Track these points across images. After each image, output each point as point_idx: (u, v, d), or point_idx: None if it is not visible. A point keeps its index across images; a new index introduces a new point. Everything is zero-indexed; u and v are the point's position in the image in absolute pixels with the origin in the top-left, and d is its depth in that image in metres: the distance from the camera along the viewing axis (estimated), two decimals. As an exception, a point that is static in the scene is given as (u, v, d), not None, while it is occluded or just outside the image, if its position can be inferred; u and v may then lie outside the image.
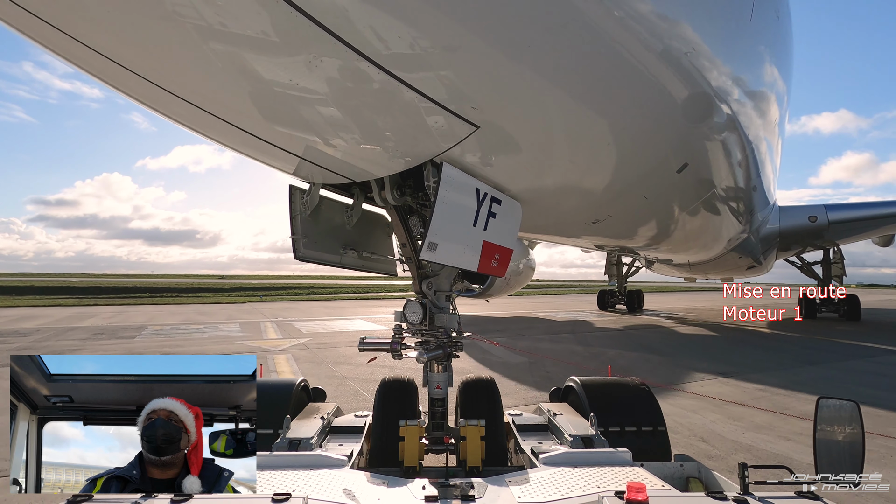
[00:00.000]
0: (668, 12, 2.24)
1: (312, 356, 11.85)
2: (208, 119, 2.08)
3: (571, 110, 2.37)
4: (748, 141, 4.91)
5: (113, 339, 15.36)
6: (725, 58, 3.00)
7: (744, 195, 7.18)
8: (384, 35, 1.64)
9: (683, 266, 18.28)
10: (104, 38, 1.64)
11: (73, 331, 17.33)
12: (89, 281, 71.20)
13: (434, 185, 2.34)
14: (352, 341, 13.21)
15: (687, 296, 53.48)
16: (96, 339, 15.10)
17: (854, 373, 10.54)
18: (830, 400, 2.10)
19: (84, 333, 16.54)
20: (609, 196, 3.61)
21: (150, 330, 17.74)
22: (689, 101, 2.87)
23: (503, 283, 17.34)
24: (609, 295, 28.50)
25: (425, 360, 2.81)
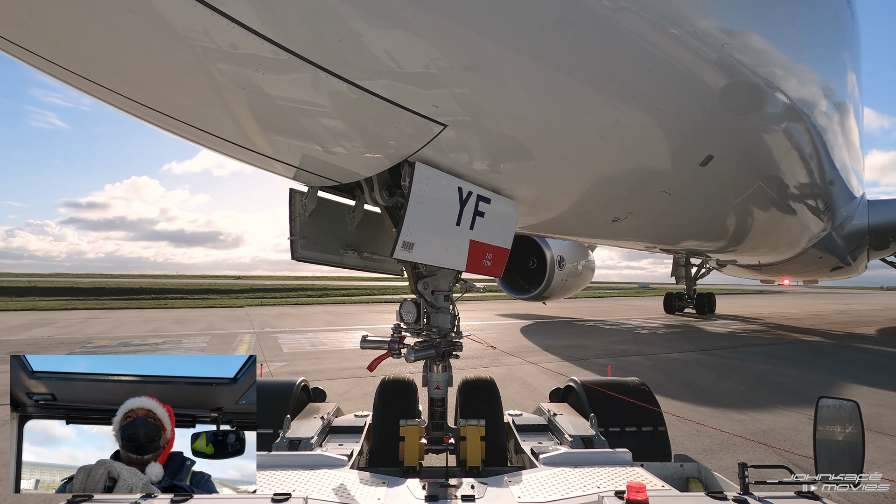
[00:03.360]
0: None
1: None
2: (207, 137, 2.27)
3: (546, 103, 2.31)
4: (804, 131, 4.54)
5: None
6: (751, 33, 2.84)
7: (813, 189, 6.60)
8: (337, 46, 1.73)
9: (754, 267, 17.04)
10: (103, 74, 1.83)
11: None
12: (93, 282, 66.92)
13: (408, 184, 2.37)
14: (340, 368, 10.80)
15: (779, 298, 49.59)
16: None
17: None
18: (830, 400, 2.06)
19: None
20: (620, 192, 3.47)
21: (92, 345, 14.08)
22: (699, 82, 2.72)
23: (560, 284, 17.01)
24: (676, 298, 27.07)
25: (413, 359, 2.83)
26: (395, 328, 3.06)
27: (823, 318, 25.14)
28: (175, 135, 2.39)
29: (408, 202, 2.34)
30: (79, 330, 18.15)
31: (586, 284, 20.48)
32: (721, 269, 23.26)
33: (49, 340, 15.26)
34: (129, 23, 1.54)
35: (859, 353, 13.67)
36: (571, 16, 1.98)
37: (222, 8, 1.51)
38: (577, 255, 17.62)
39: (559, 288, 17.13)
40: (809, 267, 16.37)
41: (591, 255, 19.15)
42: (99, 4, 1.48)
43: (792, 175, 5.39)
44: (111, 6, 1.48)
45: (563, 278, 16.92)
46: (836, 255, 15.50)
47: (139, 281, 78.63)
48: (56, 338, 15.88)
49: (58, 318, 23.13)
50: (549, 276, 16.12)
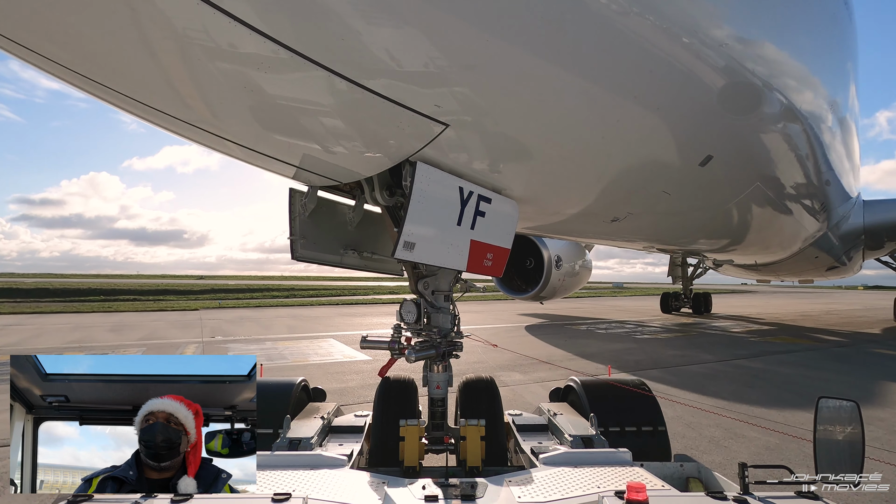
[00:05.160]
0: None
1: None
2: (207, 136, 2.26)
3: (547, 103, 2.32)
4: (802, 131, 4.55)
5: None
6: (750, 33, 2.86)
7: (810, 189, 6.62)
8: (340, 47, 1.73)
9: (750, 267, 17.09)
10: (104, 73, 1.82)
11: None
12: (38, 282, 60.01)
13: (409, 184, 2.36)
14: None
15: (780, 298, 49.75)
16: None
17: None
18: (830, 400, 2.07)
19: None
20: (620, 192, 3.47)
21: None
22: (699, 83, 2.73)
23: (558, 284, 16.97)
24: (673, 297, 27.20)
25: (413, 359, 2.83)
26: (395, 328, 3.06)
27: (817, 319, 25.23)
28: (175, 134, 2.37)
29: (409, 202, 2.33)
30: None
31: (583, 284, 20.47)
32: (717, 269, 23.34)
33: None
34: (130, 21, 1.53)
35: (885, 359, 12.77)
36: (573, 16, 1.98)
37: (224, 6, 1.50)
38: (575, 254, 17.60)
39: (556, 288, 17.10)
40: (805, 266, 16.44)
41: (587, 254, 19.16)
42: (100, 3, 1.47)
43: (790, 175, 5.40)
44: (112, 5, 1.48)
45: (561, 278, 16.89)
46: (831, 255, 15.57)
47: (91, 281, 72.68)
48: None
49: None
50: (546, 275, 16.09)
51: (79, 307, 29.08)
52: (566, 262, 16.93)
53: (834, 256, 15.87)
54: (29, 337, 16.43)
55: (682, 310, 27.05)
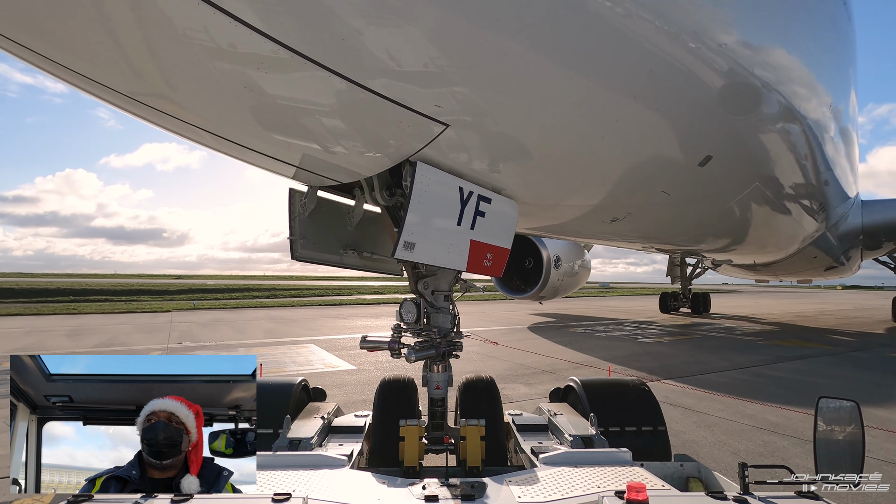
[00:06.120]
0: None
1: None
2: (206, 136, 2.26)
3: (547, 103, 2.32)
4: (801, 131, 4.57)
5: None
6: (749, 34, 2.87)
7: (809, 189, 6.64)
8: (340, 47, 1.73)
9: (749, 267, 17.11)
10: (105, 72, 1.82)
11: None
12: (5, 282, 56.02)
13: (409, 184, 2.36)
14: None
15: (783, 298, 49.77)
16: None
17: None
18: (830, 400, 2.07)
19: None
20: (620, 192, 3.48)
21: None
22: (699, 83, 2.74)
23: (557, 284, 16.96)
24: (672, 297, 27.21)
25: (413, 359, 2.83)
26: (395, 328, 3.06)
27: (815, 320, 25.18)
28: (175, 133, 2.37)
29: (409, 202, 2.33)
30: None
31: (582, 284, 20.47)
32: (716, 269, 23.37)
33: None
34: (131, 20, 1.53)
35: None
36: (574, 16, 1.98)
37: (224, 6, 1.50)
38: (574, 254, 17.60)
39: (556, 288, 17.10)
40: (804, 266, 16.47)
41: (586, 254, 19.16)
42: (101, 3, 1.47)
43: (788, 175, 5.42)
44: (113, 5, 1.47)
45: (560, 278, 16.89)
46: (830, 255, 15.60)
47: (61, 281, 67.73)
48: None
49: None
50: (545, 275, 16.08)
51: (40, 309, 26.58)
52: (565, 262, 16.93)
53: (832, 256, 15.90)
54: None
55: (680, 310, 27.05)
